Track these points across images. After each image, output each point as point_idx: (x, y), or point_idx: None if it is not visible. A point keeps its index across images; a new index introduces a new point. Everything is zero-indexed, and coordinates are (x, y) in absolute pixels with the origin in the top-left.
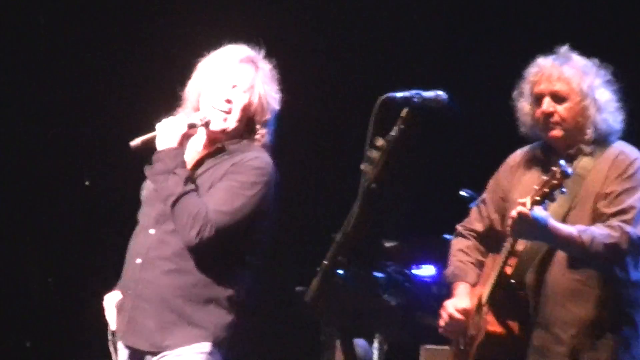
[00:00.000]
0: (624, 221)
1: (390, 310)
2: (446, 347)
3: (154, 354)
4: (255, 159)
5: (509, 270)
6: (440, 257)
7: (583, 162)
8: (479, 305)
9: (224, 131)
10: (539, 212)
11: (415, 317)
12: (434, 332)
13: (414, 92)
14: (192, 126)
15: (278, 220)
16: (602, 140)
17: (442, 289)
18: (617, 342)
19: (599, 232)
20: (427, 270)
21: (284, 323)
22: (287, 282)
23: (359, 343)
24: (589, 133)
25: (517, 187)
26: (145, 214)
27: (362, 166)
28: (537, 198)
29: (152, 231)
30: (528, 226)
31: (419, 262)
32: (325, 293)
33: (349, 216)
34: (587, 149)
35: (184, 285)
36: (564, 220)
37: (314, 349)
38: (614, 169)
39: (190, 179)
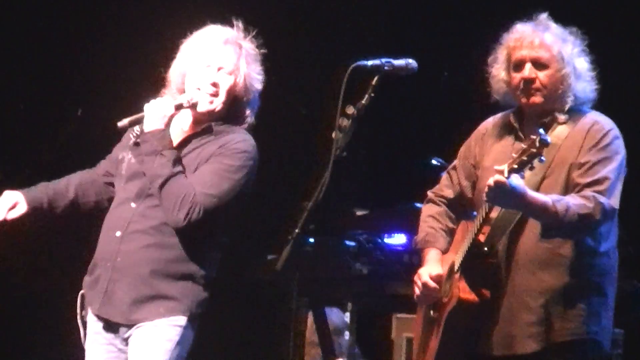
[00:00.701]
0: (598, 192)
1: (362, 279)
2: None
3: (129, 326)
4: (242, 142)
5: (482, 237)
6: (411, 225)
7: (557, 130)
8: (450, 272)
9: (210, 112)
10: (516, 180)
11: (387, 286)
12: (406, 300)
13: (384, 60)
14: (179, 107)
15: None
16: (576, 110)
17: (414, 257)
18: (586, 311)
19: (574, 202)
20: (398, 239)
21: (255, 292)
22: (258, 250)
23: (333, 311)
24: (568, 101)
25: (488, 154)
26: (125, 189)
27: (333, 134)
28: (515, 166)
29: (133, 205)
30: (504, 194)
31: (390, 231)
32: (296, 262)
33: (320, 184)
34: (561, 117)
35: (162, 260)
36: (537, 188)
37: (285, 318)
38: (589, 138)
39: (178, 160)
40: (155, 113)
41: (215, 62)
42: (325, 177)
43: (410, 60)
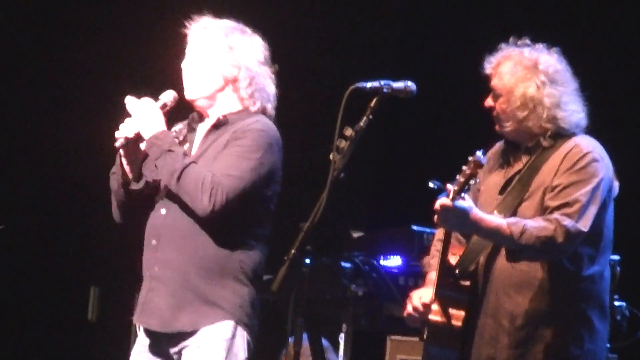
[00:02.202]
0: (567, 214)
1: (357, 300)
2: (412, 338)
3: (171, 338)
4: (256, 122)
5: (453, 260)
6: (407, 248)
7: (540, 155)
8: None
9: (200, 96)
10: (461, 202)
11: (382, 308)
12: (401, 322)
13: (383, 82)
14: (162, 107)
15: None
16: (563, 134)
17: (409, 279)
18: (567, 335)
19: (533, 224)
20: (394, 261)
21: None
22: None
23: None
24: (548, 127)
25: (485, 179)
26: (157, 196)
27: (331, 156)
28: (456, 188)
29: (163, 211)
30: (451, 216)
31: (386, 253)
32: (292, 282)
33: (317, 205)
34: (545, 142)
35: (198, 262)
36: (515, 212)
37: (280, 338)
38: (566, 161)
39: (187, 155)
40: (145, 118)
41: (192, 49)
42: (323, 198)
43: (409, 83)
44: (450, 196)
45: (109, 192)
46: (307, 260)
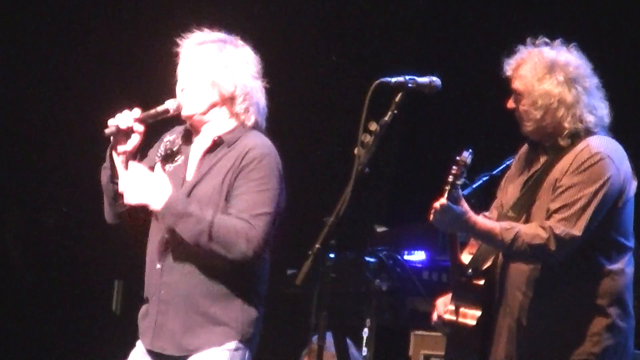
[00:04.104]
0: (563, 218)
1: (381, 295)
2: (436, 333)
3: (180, 358)
4: (255, 148)
5: (466, 259)
6: (431, 242)
7: (556, 155)
8: None
9: (197, 114)
10: (454, 203)
11: (406, 303)
12: (425, 317)
13: (408, 77)
14: (165, 112)
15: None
16: (581, 134)
17: (433, 274)
18: (585, 333)
19: (526, 231)
20: (418, 256)
21: (274, 306)
22: (278, 265)
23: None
24: (566, 126)
25: (507, 178)
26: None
27: (355, 150)
28: (447, 187)
29: (166, 235)
30: (446, 216)
31: (410, 248)
32: (316, 276)
33: (341, 200)
34: (563, 141)
35: (206, 285)
36: (528, 211)
37: (303, 333)
38: (575, 162)
39: (202, 207)
40: (148, 188)
41: (186, 65)
42: (347, 193)
43: (434, 78)
44: (445, 196)
45: None
46: (331, 255)
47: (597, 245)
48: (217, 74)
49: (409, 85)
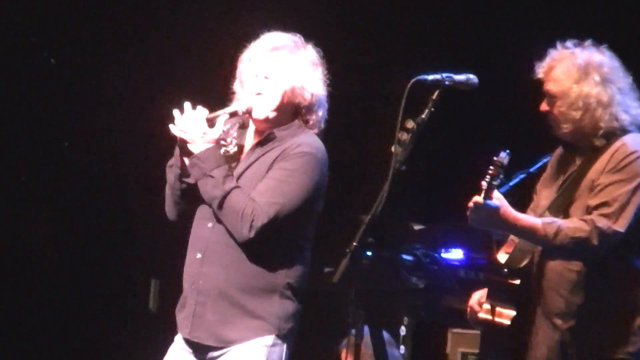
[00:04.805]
0: (604, 214)
1: (418, 293)
2: (474, 331)
3: (218, 348)
4: (302, 145)
5: (503, 258)
6: (468, 240)
7: (592, 155)
8: None
9: (266, 120)
10: (494, 201)
11: (443, 301)
12: (462, 315)
13: (445, 74)
14: (233, 114)
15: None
16: (616, 133)
17: (470, 272)
18: (622, 334)
19: (568, 225)
20: (455, 254)
21: (311, 304)
22: (315, 262)
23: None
24: (601, 126)
25: (546, 185)
26: (201, 208)
27: (392, 148)
28: (484, 188)
29: (210, 225)
30: (482, 214)
31: (447, 246)
32: (353, 274)
33: (378, 198)
34: (598, 142)
35: (244, 277)
36: (566, 212)
37: (339, 330)
38: (612, 161)
39: (229, 176)
40: (193, 132)
41: (261, 70)
42: (384, 191)
43: (471, 76)
44: (482, 195)
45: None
46: (368, 253)
47: (632, 245)
48: (293, 82)
49: (446, 82)
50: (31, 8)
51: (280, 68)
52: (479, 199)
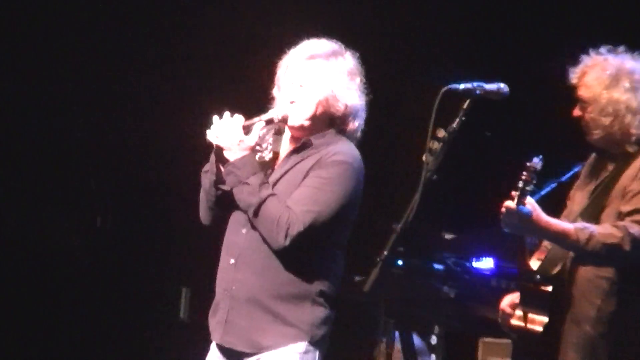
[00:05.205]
0: (636, 221)
1: (449, 302)
2: (504, 340)
3: (250, 354)
4: (338, 153)
5: (535, 265)
6: (499, 249)
7: (625, 161)
8: None
9: (301, 127)
10: (527, 206)
11: (474, 310)
12: (492, 324)
13: (476, 83)
14: (269, 122)
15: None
16: None
17: (501, 281)
18: None
19: (601, 231)
20: (486, 263)
21: (341, 312)
22: (346, 271)
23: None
24: (633, 132)
25: (578, 192)
26: (235, 213)
27: (424, 157)
28: (518, 193)
29: (244, 230)
30: (514, 219)
31: (478, 255)
32: (384, 283)
33: (410, 207)
34: (630, 148)
35: (277, 284)
36: (597, 218)
37: (370, 339)
38: None
39: (265, 184)
40: (229, 139)
41: (297, 78)
42: (415, 200)
43: (502, 85)
44: (515, 200)
45: (198, 193)
46: (399, 262)
47: None
48: (328, 92)
49: (477, 92)
50: (72, 21)
51: (315, 77)
52: (511, 204)
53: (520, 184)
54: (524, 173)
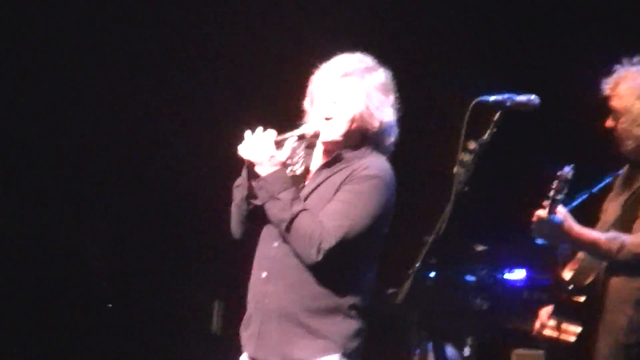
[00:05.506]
0: None
1: (481, 314)
2: (537, 352)
3: None
4: (369, 167)
5: (568, 275)
6: (531, 261)
7: None
8: None
9: (334, 142)
10: (558, 215)
11: (507, 321)
12: (525, 336)
13: (506, 95)
14: (301, 137)
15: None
16: None
17: (534, 293)
18: None
19: (632, 241)
20: (518, 274)
21: (374, 325)
22: (379, 284)
23: (447, 348)
24: None
25: (608, 201)
26: (268, 227)
27: (455, 169)
28: (548, 202)
29: (275, 244)
30: (545, 228)
31: (511, 266)
32: (416, 295)
33: (441, 219)
34: None
35: (308, 297)
36: (630, 228)
37: (403, 351)
38: None
39: (297, 199)
40: (260, 155)
41: (331, 95)
42: (447, 212)
43: (532, 97)
44: (547, 210)
45: (230, 207)
46: (432, 274)
47: None
48: (362, 109)
49: (507, 104)
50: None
51: (349, 94)
52: (543, 213)
53: (552, 193)
54: (555, 182)
